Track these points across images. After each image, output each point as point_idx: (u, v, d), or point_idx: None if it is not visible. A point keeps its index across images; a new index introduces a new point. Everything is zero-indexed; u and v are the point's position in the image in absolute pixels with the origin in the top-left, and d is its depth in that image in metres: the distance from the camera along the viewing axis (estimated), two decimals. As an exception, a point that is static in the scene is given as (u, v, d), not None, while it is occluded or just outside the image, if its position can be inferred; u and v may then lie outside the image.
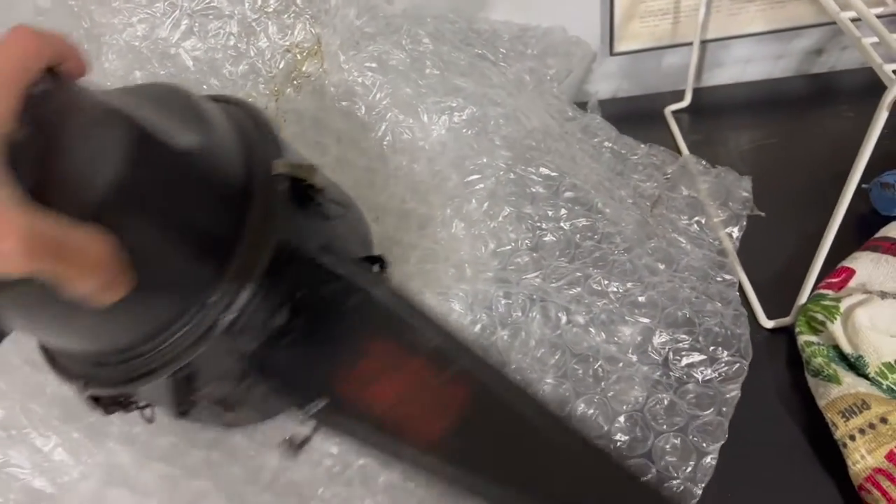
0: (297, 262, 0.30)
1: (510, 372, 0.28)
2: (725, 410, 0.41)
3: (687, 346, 0.43)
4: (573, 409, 0.41)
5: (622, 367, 0.42)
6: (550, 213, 0.47)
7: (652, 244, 0.48)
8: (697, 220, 0.51)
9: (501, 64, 0.55)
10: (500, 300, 0.44)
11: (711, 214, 0.52)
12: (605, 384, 0.42)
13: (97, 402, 0.31)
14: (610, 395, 0.42)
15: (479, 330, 0.43)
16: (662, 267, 0.47)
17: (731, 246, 0.51)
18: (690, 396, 0.42)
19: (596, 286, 0.45)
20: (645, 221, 0.49)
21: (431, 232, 0.46)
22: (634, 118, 0.62)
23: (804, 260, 0.43)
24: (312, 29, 0.50)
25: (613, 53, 0.62)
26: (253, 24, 0.50)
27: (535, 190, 0.48)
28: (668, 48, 0.63)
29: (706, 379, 0.42)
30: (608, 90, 0.66)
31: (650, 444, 0.40)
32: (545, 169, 0.48)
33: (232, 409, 0.33)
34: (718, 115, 0.63)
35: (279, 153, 0.31)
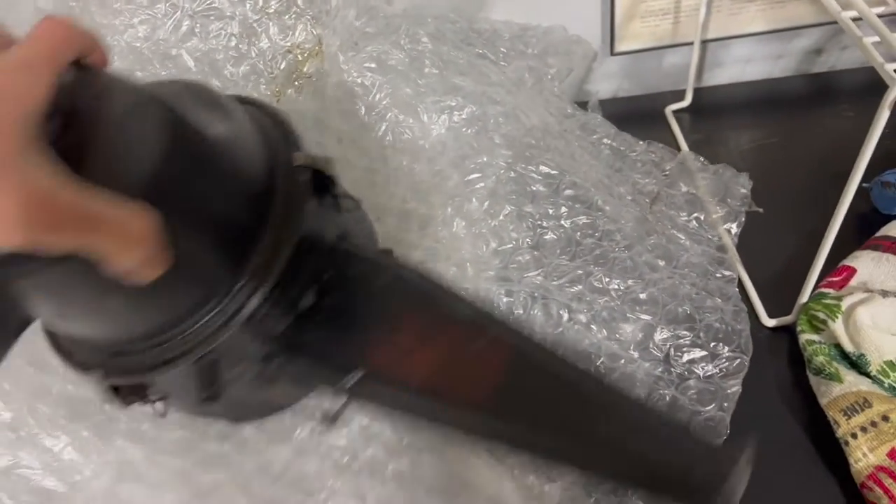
0: (320, 247, 0.32)
1: (539, 337, 0.29)
2: (727, 406, 0.41)
3: (688, 342, 0.44)
4: None
5: (624, 363, 0.42)
6: (551, 211, 0.47)
7: (652, 241, 0.48)
8: (696, 216, 0.51)
9: (501, 63, 0.55)
10: (501, 298, 0.44)
11: (710, 211, 0.52)
12: (605, 382, 0.42)
13: (116, 392, 0.31)
14: None
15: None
16: (662, 264, 0.47)
17: (730, 242, 0.51)
18: (692, 392, 0.42)
19: (597, 283, 0.45)
20: (644, 218, 0.49)
21: (433, 231, 0.46)
22: (635, 118, 0.62)
23: (805, 259, 0.43)
24: (313, 30, 0.50)
25: (614, 53, 0.62)
26: (254, 24, 0.50)
27: (535, 188, 0.48)
28: (668, 48, 0.63)
29: (707, 375, 0.42)
30: (609, 90, 0.66)
31: None
32: (545, 167, 0.48)
33: (267, 386, 0.34)
34: (719, 114, 0.63)
35: (298, 146, 0.33)
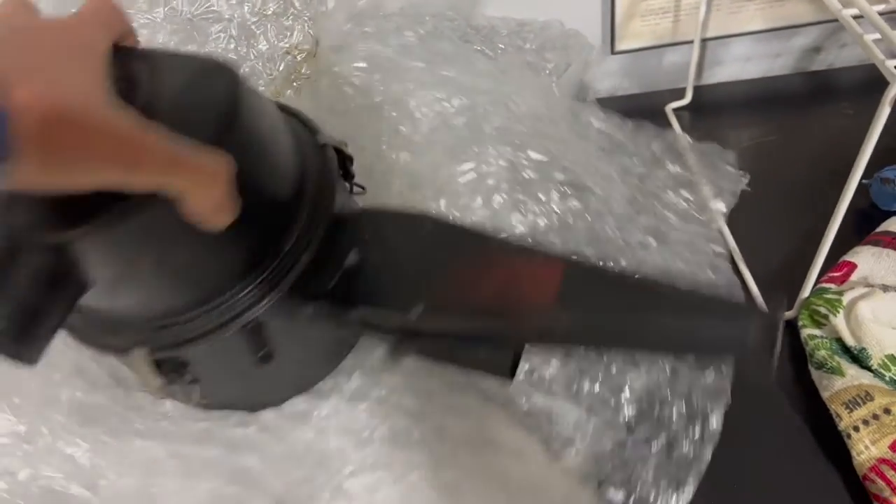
0: (355, 212, 0.35)
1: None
2: (726, 371, 0.41)
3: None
4: (580, 385, 0.42)
5: None
6: (543, 196, 0.47)
7: (642, 220, 0.48)
8: (685, 194, 0.51)
9: (488, 52, 0.55)
10: None
11: (699, 188, 0.52)
12: (606, 359, 0.42)
13: (159, 367, 0.32)
14: (613, 371, 0.42)
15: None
16: (654, 243, 0.47)
17: (720, 218, 0.51)
18: (691, 360, 0.42)
19: (591, 265, 0.45)
20: (634, 198, 0.50)
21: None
22: (635, 116, 0.63)
23: (806, 254, 0.43)
24: (310, 31, 0.51)
25: (615, 52, 0.63)
26: (252, 27, 0.50)
27: (526, 175, 0.48)
28: (668, 46, 0.63)
29: None
30: (609, 88, 0.67)
31: (656, 412, 0.40)
32: (536, 154, 0.48)
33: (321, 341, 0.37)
34: (719, 112, 0.64)
35: (317, 129, 0.36)
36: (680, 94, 0.64)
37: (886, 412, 0.39)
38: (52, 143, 0.21)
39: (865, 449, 0.38)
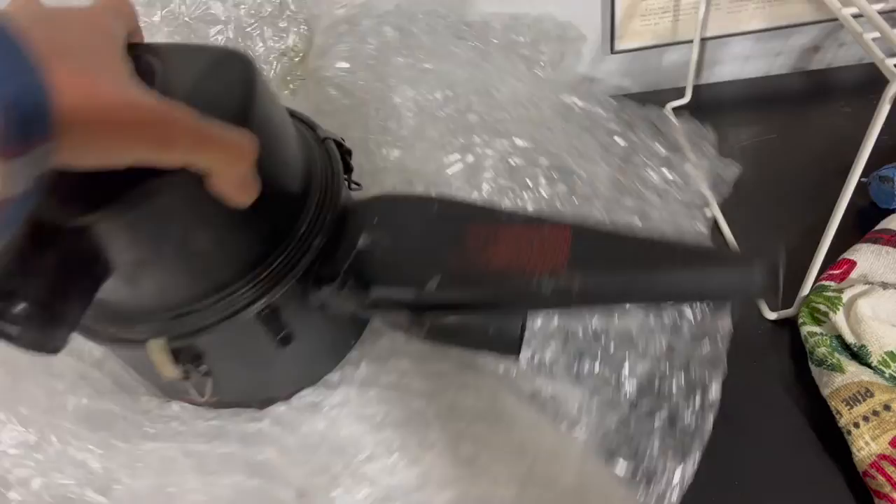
0: (362, 201, 0.37)
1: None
2: (720, 339, 0.42)
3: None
4: (580, 367, 0.42)
5: (617, 319, 0.43)
6: (530, 182, 0.47)
7: (628, 202, 0.48)
8: (665, 171, 0.51)
9: (481, 47, 0.55)
10: None
11: (679, 164, 0.52)
12: (604, 339, 0.43)
13: (177, 358, 0.32)
14: (612, 350, 0.42)
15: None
16: (640, 223, 0.47)
17: (706, 192, 0.51)
18: (686, 334, 0.42)
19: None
20: (617, 180, 0.50)
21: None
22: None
23: (805, 253, 0.44)
24: (305, 32, 0.51)
25: (615, 52, 0.63)
26: (249, 29, 0.51)
27: (513, 162, 0.48)
28: (668, 46, 0.63)
29: (697, 317, 0.43)
30: (609, 88, 0.67)
31: (657, 387, 0.41)
32: (520, 140, 0.48)
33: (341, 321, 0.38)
34: (718, 111, 0.64)
35: (316, 125, 0.38)
36: (680, 93, 0.64)
37: (886, 408, 0.39)
38: (90, 121, 0.22)
39: (865, 445, 0.38)
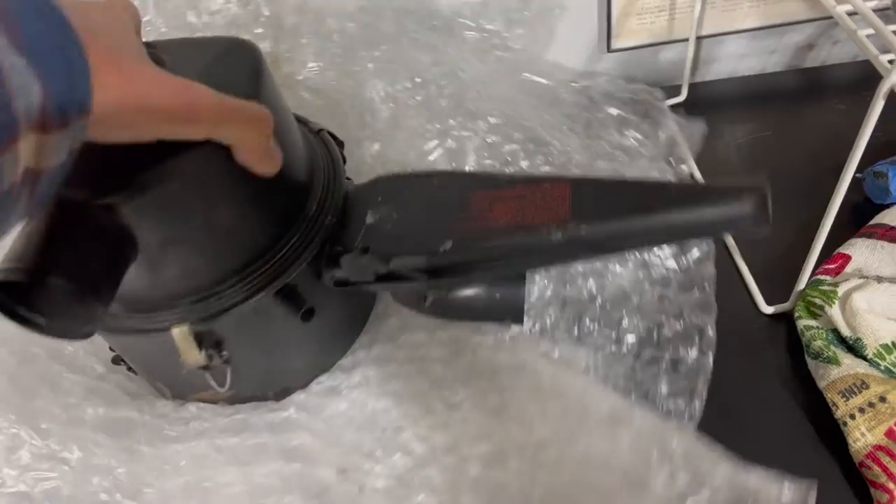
0: (366, 183, 0.39)
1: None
2: (707, 286, 0.42)
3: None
4: (581, 328, 0.42)
5: (610, 278, 0.44)
6: (509, 158, 0.48)
7: (600, 163, 0.49)
8: (631, 133, 0.52)
9: (435, 32, 0.55)
10: None
11: (640, 124, 0.52)
12: (600, 298, 0.43)
13: (199, 344, 0.33)
14: (607, 306, 0.43)
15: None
16: None
17: (680, 140, 0.51)
18: (674, 284, 0.43)
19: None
20: (587, 143, 0.50)
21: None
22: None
23: (801, 247, 0.44)
24: (277, 38, 0.51)
25: (611, 50, 0.64)
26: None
27: (489, 140, 0.48)
28: (664, 44, 0.64)
29: (684, 267, 0.43)
30: (605, 86, 0.67)
31: (655, 335, 0.41)
32: (493, 118, 0.49)
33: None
34: (714, 109, 0.64)
35: (307, 119, 0.41)
36: (675, 91, 0.64)
37: (882, 400, 0.39)
38: (123, 97, 0.23)
39: (862, 436, 0.39)
